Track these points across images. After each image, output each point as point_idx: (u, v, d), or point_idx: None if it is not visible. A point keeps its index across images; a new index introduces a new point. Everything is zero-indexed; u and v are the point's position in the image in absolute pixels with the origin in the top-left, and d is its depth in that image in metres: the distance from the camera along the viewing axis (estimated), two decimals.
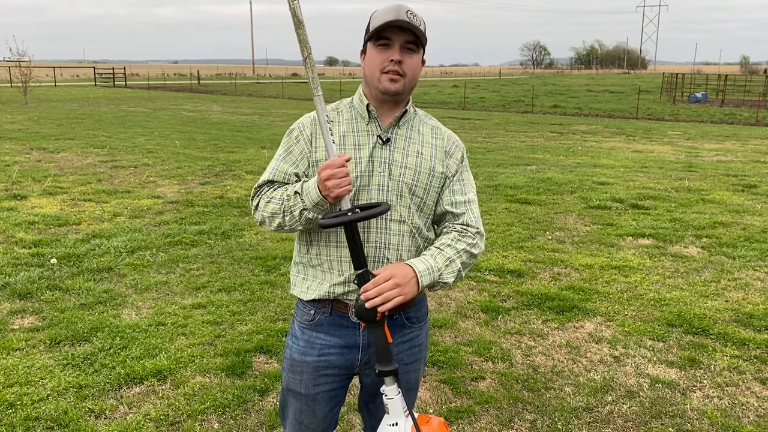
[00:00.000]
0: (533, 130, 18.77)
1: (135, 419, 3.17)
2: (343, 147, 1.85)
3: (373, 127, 1.87)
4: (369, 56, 1.81)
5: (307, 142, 1.87)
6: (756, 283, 5.28)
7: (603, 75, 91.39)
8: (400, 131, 1.89)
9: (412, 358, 2.01)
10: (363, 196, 1.83)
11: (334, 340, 1.91)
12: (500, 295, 4.96)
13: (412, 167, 1.86)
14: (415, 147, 1.89)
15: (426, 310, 2.05)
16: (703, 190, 9.23)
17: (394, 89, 1.79)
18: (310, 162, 1.87)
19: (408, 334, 1.98)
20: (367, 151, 1.84)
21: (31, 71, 26.97)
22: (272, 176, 1.90)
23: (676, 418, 3.28)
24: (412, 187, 1.85)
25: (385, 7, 1.79)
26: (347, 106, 1.93)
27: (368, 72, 1.82)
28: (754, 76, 52.99)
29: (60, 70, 64.88)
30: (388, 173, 1.84)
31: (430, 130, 1.94)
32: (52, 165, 10.61)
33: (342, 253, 1.84)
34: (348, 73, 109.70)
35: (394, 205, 1.84)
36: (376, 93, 1.82)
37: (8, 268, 5.31)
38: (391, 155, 1.85)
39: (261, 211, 1.87)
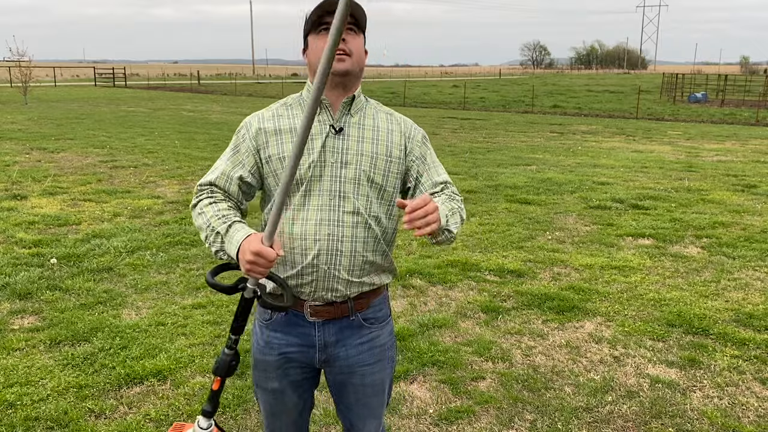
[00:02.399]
0: (533, 130, 18.77)
1: (135, 419, 3.17)
2: (292, 138, 1.83)
3: (324, 117, 1.83)
4: (312, 46, 1.80)
5: (253, 140, 1.85)
6: (756, 283, 5.28)
7: (603, 75, 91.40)
8: (353, 119, 1.85)
9: (374, 358, 1.98)
10: (315, 188, 1.80)
11: (292, 339, 1.91)
12: (500, 295, 4.96)
13: (368, 154, 1.83)
14: (369, 133, 1.86)
15: (387, 312, 2.03)
16: (703, 190, 9.23)
17: (342, 68, 1.76)
18: (260, 160, 1.86)
19: (367, 335, 1.95)
20: (319, 141, 1.81)
21: (31, 71, 26.96)
22: (216, 179, 1.88)
23: (676, 418, 3.28)
24: (370, 174, 1.83)
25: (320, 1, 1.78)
26: (296, 101, 1.91)
27: (314, 60, 1.77)
28: (754, 76, 52.98)
29: (60, 70, 64.87)
30: (342, 163, 1.81)
31: (384, 116, 1.92)
32: (52, 165, 10.61)
33: (294, 244, 1.81)
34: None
35: (348, 197, 1.81)
36: None
37: (8, 268, 5.31)
38: (344, 144, 1.82)
39: (193, 217, 1.88)
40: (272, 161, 1.83)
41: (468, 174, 10.34)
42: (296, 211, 1.81)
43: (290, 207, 1.82)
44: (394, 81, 63.75)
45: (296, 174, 1.74)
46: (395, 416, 3.27)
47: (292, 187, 1.76)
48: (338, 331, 1.91)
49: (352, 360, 1.93)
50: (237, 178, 1.86)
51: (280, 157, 1.82)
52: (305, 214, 1.81)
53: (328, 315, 1.88)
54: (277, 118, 1.87)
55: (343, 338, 1.92)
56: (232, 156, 1.89)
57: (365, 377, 1.96)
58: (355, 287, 1.87)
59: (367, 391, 1.99)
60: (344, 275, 1.83)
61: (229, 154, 1.90)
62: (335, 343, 1.91)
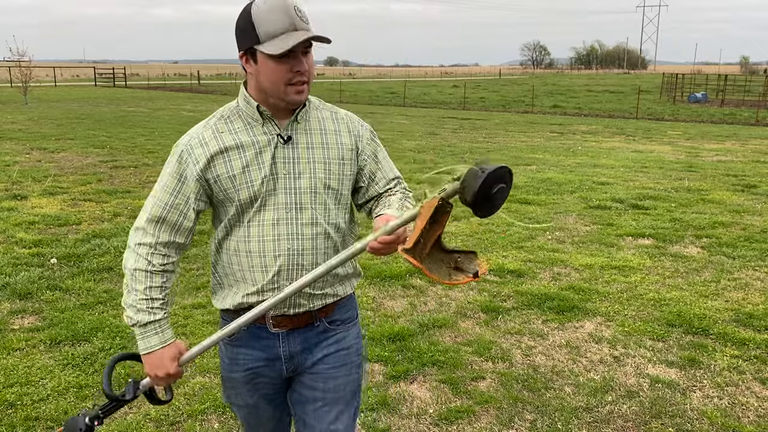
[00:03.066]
0: (533, 130, 18.77)
1: (135, 419, 3.17)
2: (241, 154, 1.70)
3: (269, 128, 1.73)
4: (266, 68, 1.63)
5: (196, 164, 1.71)
6: (756, 283, 5.29)
7: (603, 75, 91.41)
8: (299, 125, 1.75)
9: (340, 361, 1.87)
10: (270, 202, 1.71)
11: (257, 353, 1.83)
12: (500, 295, 4.96)
13: (321, 160, 1.75)
14: (318, 138, 1.77)
15: (355, 313, 1.95)
16: (703, 190, 9.23)
17: (302, 99, 1.69)
18: (206, 182, 1.72)
19: (333, 337, 1.87)
20: (268, 153, 1.71)
21: (31, 71, 26.96)
22: (165, 213, 1.73)
23: (676, 418, 3.28)
24: (326, 181, 1.75)
25: (270, 7, 1.60)
26: (233, 112, 1.76)
27: (268, 85, 1.65)
28: (754, 76, 52.98)
29: (60, 70, 64.86)
30: (296, 174, 1.72)
31: (329, 115, 1.82)
32: (52, 165, 10.62)
33: (253, 262, 1.74)
34: (348, 72, 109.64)
35: (305, 207, 1.73)
36: (280, 104, 1.69)
37: (8, 268, 5.31)
38: (294, 153, 1.73)
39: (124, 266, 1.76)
40: (221, 180, 1.71)
41: None
42: (252, 227, 1.73)
43: (243, 224, 1.74)
44: (394, 81, 63.78)
45: (249, 190, 1.70)
46: (395, 416, 3.27)
47: (245, 204, 1.71)
48: (303, 340, 1.83)
49: (319, 366, 1.85)
50: (191, 213, 1.75)
51: (230, 175, 1.70)
52: (261, 230, 1.72)
53: (292, 324, 1.81)
54: (218, 136, 1.73)
55: (309, 346, 1.84)
56: (179, 185, 1.73)
57: (327, 381, 1.86)
58: (319, 300, 1.81)
59: (327, 398, 1.85)
60: (306, 290, 1.76)
61: (176, 184, 1.73)
62: (301, 352, 1.84)
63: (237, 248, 1.75)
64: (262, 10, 1.59)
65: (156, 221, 1.73)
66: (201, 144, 1.73)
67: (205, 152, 1.71)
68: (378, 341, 4.08)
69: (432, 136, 16.53)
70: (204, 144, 1.72)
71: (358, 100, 32.62)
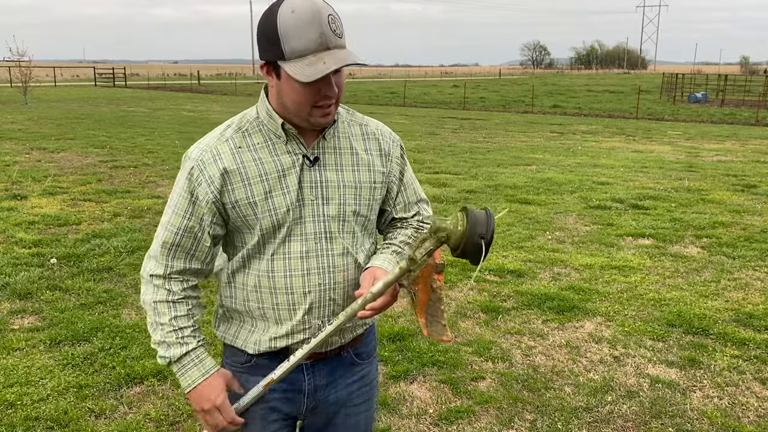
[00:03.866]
0: (533, 130, 18.77)
1: (135, 419, 3.17)
2: (263, 177, 1.50)
3: (294, 146, 1.52)
4: (290, 88, 1.43)
5: (211, 184, 1.50)
6: (756, 283, 5.29)
7: (603, 75, 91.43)
8: (327, 143, 1.56)
9: (363, 398, 1.75)
10: (296, 231, 1.53)
11: (278, 386, 1.63)
12: (500, 295, 4.96)
13: (352, 185, 1.57)
14: (348, 158, 1.58)
15: (375, 345, 1.83)
16: (703, 190, 9.23)
17: (328, 122, 1.50)
18: (222, 205, 1.52)
19: (358, 372, 1.73)
20: (294, 176, 1.51)
21: (31, 71, 26.96)
22: (179, 239, 1.54)
23: (676, 418, 3.28)
24: (355, 208, 1.58)
25: (299, 17, 1.36)
26: (252, 125, 1.55)
27: (292, 105, 1.46)
28: (754, 76, 52.98)
29: (60, 70, 64.89)
30: (324, 199, 1.54)
31: (359, 131, 1.62)
32: (52, 165, 10.62)
33: (278, 300, 1.55)
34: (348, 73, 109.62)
35: (335, 237, 1.56)
36: (304, 125, 1.51)
37: (8, 268, 5.31)
38: (323, 176, 1.54)
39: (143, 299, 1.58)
40: (240, 206, 1.51)
41: (468, 174, 10.34)
42: (277, 260, 1.54)
43: (265, 256, 1.55)
44: (394, 81, 63.79)
45: (273, 219, 1.52)
46: (395, 416, 3.27)
47: (268, 234, 1.53)
48: (329, 373, 1.68)
49: (341, 402, 1.70)
50: (206, 237, 1.55)
51: (250, 202, 1.51)
52: (288, 263, 1.54)
53: (319, 355, 1.64)
54: (236, 153, 1.51)
55: (334, 379, 1.69)
56: (191, 207, 1.53)
57: (349, 418, 1.73)
58: (349, 333, 1.67)
59: None
60: None
61: (187, 206, 1.53)
62: (325, 386, 1.68)
63: (258, 284, 1.56)
64: (290, 22, 1.37)
65: (169, 248, 1.55)
66: (215, 160, 1.51)
67: (220, 171, 1.50)
68: (378, 341, 4.07)
69: (432, 136, 16.53)
70: (219, 160, 1.50)
71: (358, 100, 32.62)
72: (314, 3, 1.38)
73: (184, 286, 1.58)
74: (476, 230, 1.39)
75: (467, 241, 1.39)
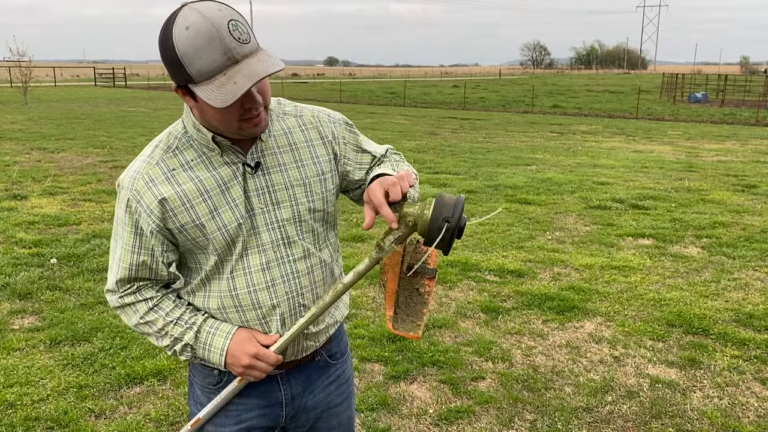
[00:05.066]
0: (533, 130, 18.77)
1: (135, 419, 3.17)
2: (205, 196, 1.41)
3: (231, 156, 1.43)
4: (212, 109, 1.31)
5: (150, 214, 1.41)
6: (756, 283, 5.29)
7: (603, 75, 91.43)
8: (265, 144, 1.46)
9: (341, 397, 1.71)
10: (252, 244, 1.45)
11: (253, 401, 1.57)
12: (500, 295, 4.96)
13: (300, 182, 1.48)
14: (289, 156, 1.49)
15: (347, 341, 1.78)
16: (703, 190, 9.23)
17: (261, 130, 1.39)
18: (168, 231, 1.43)
19: (334, 373, 1.68)
20: (238, 188, 1.42)
21: (31, 71, 26.98)
22: (133, 273, 1.46)
23: (676, 418, 3.28)
24: (310, 205, 1.49)
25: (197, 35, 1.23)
26: (182, 142, 1.44)
27: (216, 123, 1.36)
28: (754, 76, 52.98)
29: (60, 70, 64.90)
30: (274, 204, 1.46)
31: (295, 123, 1.53)
32: (52, 165, 10.62)
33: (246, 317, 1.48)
34: (348, 73, 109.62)
35: (294, 240, 1.48)
36: (237, 137, 1.41)
37: (8, 268, 5.31)
38: (268, 181, 1.45)
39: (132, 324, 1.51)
40: (187, 230, 1.43)
41: (468, 174, 10.34)
42: (237, 278, 1.47)
43: (224, 276, 1.47)
44: (394, 81, 63.78)
45: (225, 236, 1.43)
46: (395, 416, 3.27)
47: (223, 252, 1.45)
48: (305, 379, 1.62)
49: (321, 405, 1.66)
50: (161, 266, 1.47)
51: (197, 224, 1.42)
52: (250, 278, 1.47)
53: (291, 364, 1.58)
54: (171, 177, 1.41)
55: (311, 384, 1.63)
56: (137, 239, 1.44)
57: (331, 419, 1.69)
58: (323, 335, 1.62)
59: None
60: (312, 329, 1.56)
61: (133, 239, 1.44)
62: (302, 393, 1.62)
63: (222, 306, 1.49)
64: (187, 43, 1.24)
65: (125, 282, 1.48)
66: (149, 186, 1.41)
67: (157, 200, 1.40)
68: (378, 341, 4.07)
69: (432, 136, 16.53)
70: (153, 187, 1.40)
71: (358, 100, 32.61)
72: (208, 15, 1.24)
73: (156, 288, 1.51)
74: (441, 213, 1.32)
75: (431, 225, 1.32)
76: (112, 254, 1.49)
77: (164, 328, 1.48)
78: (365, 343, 4.04)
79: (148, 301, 1.48)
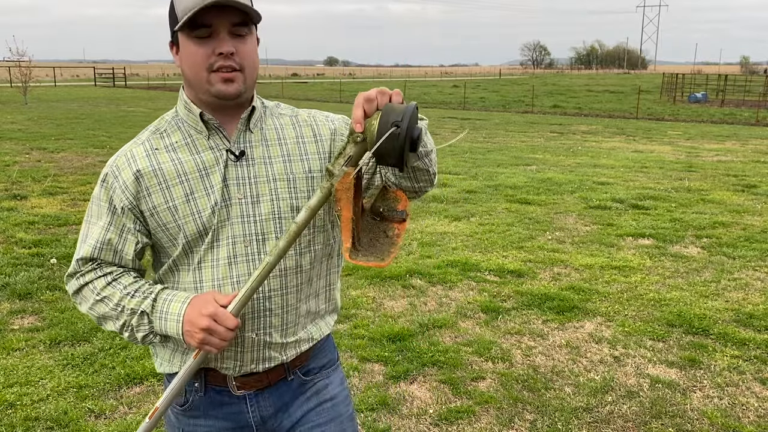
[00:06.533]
0: (533, 130, 18.77)
1: (135, 419, 3.17)
2: (182, 178, 1.38)
3: (217, 141, 1.40)
4: (186, 52, 1.34)
5: (126, 190, 1.39)
6: (756, 283, 5.29)
7: (603, 75, 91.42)
8: (254, 136, 1.42)
9: (325, 416, 1.55)
10: (222, 235, 1.38)
11: (220, 423, 1.49)
12: (500, 295, 4.96)
13: (284, 177, 1.42)
14: (277, 150, 1.44)
15: (334, 356, 1.63)
16: (703, 190, 9.23)
17: (232, 91, 1.34)
18: (141, 213, 1.40)
19: (311, 388, 1.54)
20: (218, 175, 1.38)
21: (31, 71, 26.97)
22: (97, 252, 1.41)
23: (676, 418, 3.28)
24: (292, 202, 1.41)
25: None
26: (171, 124, 1.44)
27: (190, 73, 1.35)
28: (754, 76, 52.98)
29: (60, 70, 64.89)
30: (253, 197, 1.39)
31: (289, 121, 1.49)
32: (52, 165, 10.62)
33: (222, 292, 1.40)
34: (348, 73, 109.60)
35: (269, 238, 1.40)
36: (208, 98, 1.37)
37: (8, 268, 5.31)
38: (250, 172, 1.40)
39: (87, 307, 1.43)
40: (159, 213, 1.38)
41: (468, 174, 10.34)
42: (204, 269, 1.40)
43: (191, 266, 1.41)
44: (394, 81, 63.78)
45: (197, 223, 1.38)
46: (395, 416, 3.27)
47: (193, 240, 1.39)
48: (276, 399, 1.50)
49: (302, 425, 1.53)
50: (129, 247, 1.41)
51: (170, 206, 1.38)
52: (216, 271, 1.39)
53: (260, 384, 1.48)
54: (152, 155, 1.40)
55: (284, 404, 1.51)
56: (109, 216, 1.41)
57: None
58: (292, 349, 1.48)
59: None
60: (277, 338, 1.45)
61: (105, 216, 1.41)
62: (275, 415, 1.51)
63: (183, 285, 1.44)
64: None
65: (87, 261, 1.42)
66: (129, 163, 1.40)
67: (133, 174, 1.38)
68: (378, 341, 4.07)
69: (432, 136, 16.49)
70: (132, 163, 1.39)
71: None
72: None
73: (120, 268, 1.44)
74: (389, 118, 1.18)
75: (379, 131, 1.19)
76: (80, 237, 1.45)
77: (121, 302, 1.39)
78: (365, 343, 4.04)
79: (107, 276, 1.41)
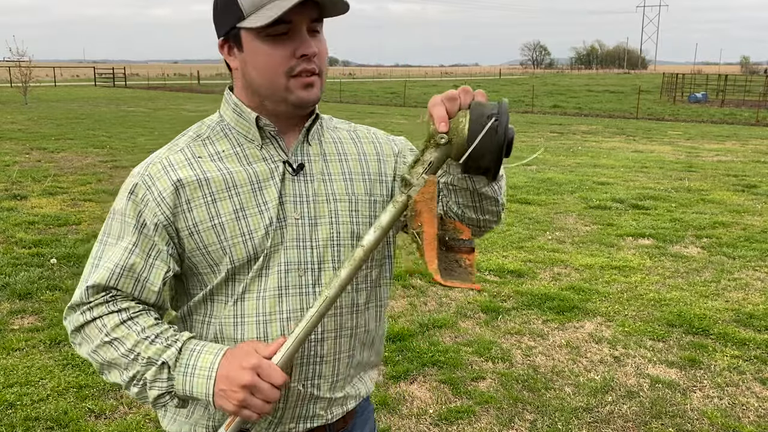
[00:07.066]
0: (533, 130, 18.77)
1: (135, 419, 3.17)
2: (232, 192, 1.15)
3: (271, 152, 1.18)
4: (256, 55, 1.11)
5: (162, 203, 1.13)
6: (756, 283, 5.29)
7: (603, 75, 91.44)
8: (312, 149, 1.22)
9: None
10: (273, 262, 1.15)
11: None
12: (500, 295, 4.96)
13: (345, 198, 1.21)
14: (337, 166, 1.23)
15: (373, 420, 1.45)
16: (703, 190, 9.23)
17: (313, 98, 1.14)
18: (177, 232, 1.15)
19: None
20: (273, 189, 1.16)
21: (31, 71, 26.96)
22: (114, 280, 1.12)
23: (676, 418, 3.28)
24: (353, 228, 1.21)
25: None
26: (215, 130, 1.21)
27: (261, 78, 1.13)
28: (754, 76, 52.99)
29: (60, 70, 64.87)
30: (312, 218, 1.18)
31: (347, 135, 1.29)
32: (52, 165, 10.62)
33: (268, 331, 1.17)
34: (348, 73, 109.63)
35: (325, 268, 1.19)
36: (284, 108, 1.16)
37: (8, 268, 5.31)
38: (309, 188, 1.19)
39: (89, 350, 1.13)
40: (200, 232, 1.14)
41: None
42: (248, 301, 1.16)
43: (231, 297, 1.17)
44: (394, 81, 63.78)
45: (247, 246, 1.14)
46: (395, 416, 3.27)
47: (240, 266, 1.15)
48: None
49: None
50: (156, 275, 1.14)
51: (215, 224, 1.14)
52: (262, 305, 1.16)
53: None
54: (194, 162, 1.17)
55: None
56: (135, 235, 1.13)
57: None
58: (338, 407, 1.26)
59: None
60: (325, 392, 1.22)
61: (130, 235, 1.13)
62: None
63: (219, 334, 1.17)
64: None
65: (100, 289, 1.13)
66: (166, 171, 1.15)
67: (172, 184, 1.14)
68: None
69: None
70: (171, 171, 1.15)
71: (358, 100, 32.61)
72: None
73: (138, 304, 1.16)
74: (484, 111, 1.02)
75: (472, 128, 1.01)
76: (91, 259, 1.15)
77: (136, 348, 1.10)
78: None
79: (122, 313, 1.13)
